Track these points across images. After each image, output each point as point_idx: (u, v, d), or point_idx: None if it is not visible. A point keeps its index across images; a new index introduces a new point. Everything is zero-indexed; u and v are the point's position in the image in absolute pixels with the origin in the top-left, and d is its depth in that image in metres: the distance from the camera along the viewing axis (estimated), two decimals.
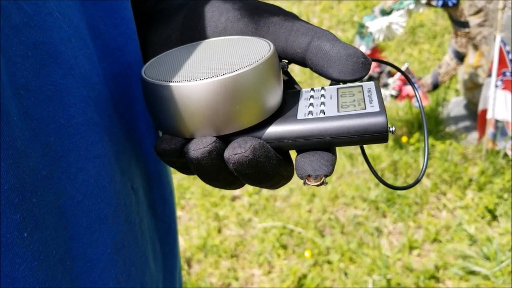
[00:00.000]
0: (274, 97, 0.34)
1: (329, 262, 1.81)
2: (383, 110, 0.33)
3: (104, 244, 0.34)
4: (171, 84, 0.32)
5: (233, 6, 0.38)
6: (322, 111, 0.34)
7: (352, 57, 0.34)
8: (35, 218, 0.28)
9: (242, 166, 0.32)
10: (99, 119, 0.33)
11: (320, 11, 3.46)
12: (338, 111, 0.34)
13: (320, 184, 0.32)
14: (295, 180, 2.20)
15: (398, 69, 0.40)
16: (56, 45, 0.30)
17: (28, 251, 0.27)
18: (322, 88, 0.38)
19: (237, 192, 2.21)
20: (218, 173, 0.34)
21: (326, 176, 0.32)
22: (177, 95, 0.32)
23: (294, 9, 3.49)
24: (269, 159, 0.33)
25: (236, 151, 0.32)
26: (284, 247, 1.91)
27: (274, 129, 0.34)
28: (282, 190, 2.16)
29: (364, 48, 2.08)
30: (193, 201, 2.22)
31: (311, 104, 0.35)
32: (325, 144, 0.33)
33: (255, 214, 2.09)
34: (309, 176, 0.32)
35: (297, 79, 2.48)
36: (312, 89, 0.38)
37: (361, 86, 0.37)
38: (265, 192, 2.17)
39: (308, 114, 0.34)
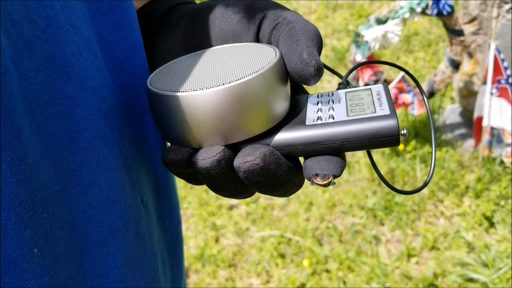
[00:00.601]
0: (282, 103, 0.34)
1: (327, 271, 1.80)
2: (393, 112, 0.32)
3: (114, 259, 0.34)
4: (177, 94, 0.32)
5: (227, 9, 0.38)
6: (331, 116, 0.34)
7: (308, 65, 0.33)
8: (45, 234, 0.27)
9: (253, 174, 0.31)
10: (110, 132, 0.33)
11: (315, 20, 3.48)
12: (347, 115, 0.33)
13: (328, 184, 0.32)
14: None
15: (403, 69, 0.40)
16: (68, 59, 0.30)
17: (38, 267, 0.27)
18: (330, 92, 0.37)
19: (234, 201, 2.21)
20: (228, 182, 0.33)
21: (335, 176, 0.32)
22: (184, 105, 0.32)
23: None
24: (280, 166, 0.32)
25: (246, 159, 0.31)
26: (282, 256, 1.91)
27: (283, 136, 0.33)
28: (280, 199, 2.16)
29: (360, 57, 2.09)
30: (190, 211, 2.21)
31: (319, 109, 0.35)
32: (335, 150, 0.33)
33: (252, 223, 2.08)
34: (316, 175, 0.32)
35: None
36: (320, 94, 0.38)
37: (370, 89, 0.37)
38: (263, 201, 2.17)
39: (317, 119, 0.34)
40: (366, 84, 2.13)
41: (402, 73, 2.14)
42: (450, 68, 2.18)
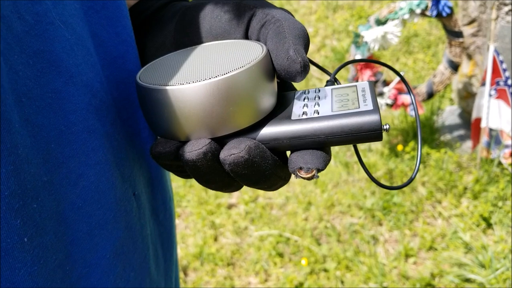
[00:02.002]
0: (268, 98, 0.35)
1: (325, 270, 1.81)
2: (376, 108, 0.33)
3: (103, 249, 0.34)
4: (164, 87, 0.33)
5: (217, 7, 0.39)
6: (316, 111, 0.34)
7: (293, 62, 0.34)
8: (35, 224, 0.28)
9: (238, 166, 0.32)
10: (101, 126, 0.34)
11: (315, 21, 3.49)
12: (332, 111, 0.34)
13: (311, 178, 0.33)
14: (292, 189, 2.21)
15: (397, 73, 0.41)
16: (57, 54, 0.30)
17: (28, 256, 0.28)
18: (317, 89, 0.38)
19: (233, 200, 2.21)
20: (214, 174, 0.34)
21: (318, 170, 0.33)
22: (171, 98, 0.32)
23: None
24: (265, 159, 0.33)
25: (232, 152, 0.32)
26: (281, 255, 1.91)
27: (269, 130, 0.34)
28: (278, 198, 2.17)
29: (359, 57, 2.09)
30: (189, 209, 2.22)
31: (305, 105, 0.36)
32: (320, 144, 0.34)
33: (251, 222, 2.09)
34: (300, 168, 0.33)
35: None
36: (307, 90, 0.38)
37: (355, 86, 0.37)
38: (262, 200, 2.17)
39: (303, 114, 0.34)
40: None
41: (401, 73, 2.15)
42: (449, 70, 2.19)
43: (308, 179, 0.33)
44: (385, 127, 0.33)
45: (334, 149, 2.38)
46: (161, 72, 0.35)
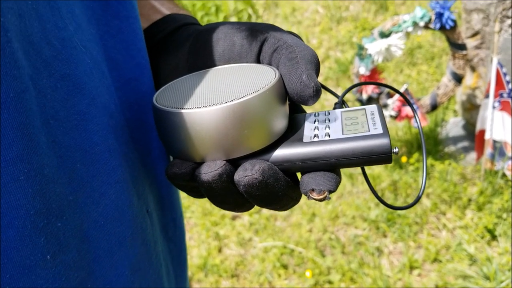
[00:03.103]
0: (281, 121, 0.36)
1: (330, 282, 1.81)
2: (386, 132, 0.34)
3: (122, 266, 0.35)
4: (181, 111, 0.33)
5: (230, 31, 0.39)
6: (327, 134, 0.35)
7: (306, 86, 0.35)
8: (58, 242, 0.29)
9: (252, 187, 0.33)
10: (118, 146, 0.35)
11: (319, 32, 3.51)
12: (343, 134, 0.35)
13: (323, 199, 0.33)
14: None
15: (397, 91, 0.42)
16: (81, 77, 0.32)
17: (50, 273, 0.29)
18: (327, 111, 0.39)
19: None
20: (228, 195, 0.35)
21: (330, 192, 0.33)
22: (188, 122, 0.33)
23: (293, 30, 3.53)
24: (278, 180, 0.34)
25: (246, 174, 0.33)
26: (285, 267, 1.91)
27: (281, 152, 0.35)
28: None
29: (363, 69, 2.11)
30: (194, 220, 2.22)
31: (316, 128, 0.37)
32: (330, 166, 0.34)
33: (255, 233, 2.09)
34: (312, 190, 0.33)
35: None
36: (317, 113, 0.39)
37: (364, 109, 0.38)
38: (266, 211, 2.18)
39: (314, 137, 0.35)
40: (369, 97, 2.15)
41: (405, 85, 2.15)
42: (453, 82, 2.20)
43: (320, 200, 0.33)
44: (394, 150, 0.34)
45: None
46: (178, 95, 0.36)
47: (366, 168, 0.39)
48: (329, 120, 0.37)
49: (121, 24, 0.39)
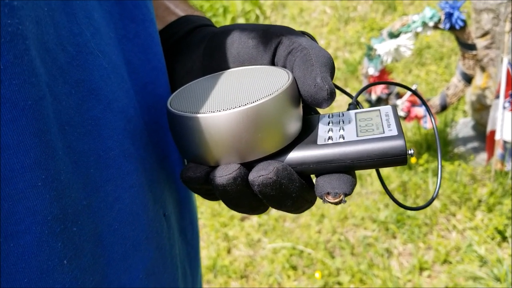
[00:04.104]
0: (294, 123, 0.36)
1: (339, 283, 1.81)
2: (401, 133, 0.34)
3: (136, 270, 0.35)
4: (196, 115, 0.33)
5: (244, 33, 0.40)
6: (342, 136, 0.35)
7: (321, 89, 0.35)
8: (74, 246, 0.29)
9: (267, 187, 0.33)
10: (134, 150, 0.35)
11: (327, 33, 3.50)
12: (357, 136, 0.35)
13: (339, 203, 0.33)
14: None
15: (409, 89, 0.42)
16: (96, 82, 0.32)
17: (67, 278, 0.29)
18: (341, 113, 0.39)
19: None
20: (243, 198, 0.35)
21: (346, 195, 0.33)
22: (202, 126, 0.33)
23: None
24: (292, 181, 0.34)
25: (260, 173, 0.33)
26: (294, 268, 1.91)
27: (296, 155, 0.35)
28: None
29: (372, 70, 2.10)
30: (203, 221, 2.23)
31: (330, 129, 0.36)
32: (345, 168, 0.34)
33: (264, 234, 2.09)
34: (328, 193, 0.33)
35: None
36: (331, 114, 0.39)
37: (379, 110, 0.38)
38: (274, 212, 2.18)
39: (328, 139, 0.35)
40: (379, 97, 2.14)
41: (414, 86, 2.15)
42: (462, 82, 2.19)
43: (336, 203, 0.33)
44: (410, 152, 0.34)
45: None
46: (191, 99, 0.36)
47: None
48: (343, 122, 0.37)
49: (138, 28, 0.39)
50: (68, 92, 0.30)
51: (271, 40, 0.38)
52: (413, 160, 2.26)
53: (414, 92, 0.40)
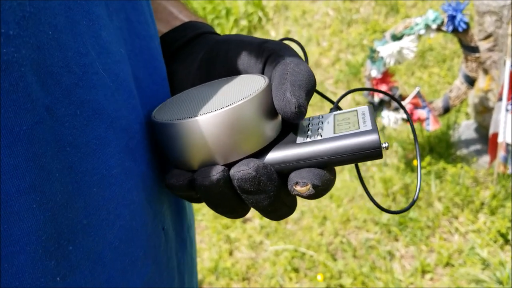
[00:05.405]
0: (272, 125, 0.37)
1: (341, 286, 1.80)
2: (375, 128, 0.35)
3: (134, 285, 0.36)
4: (176, 121, 0.35)
5: (241, 45, 0.41)
6: (320, 134, 0.37)
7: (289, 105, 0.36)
8: (70, 264, 0.30)
9: (245, 182, 0.34)
10: (136, 167, 0.36)
11: (329, 35, 3.50)
12: (334, 133, 0.36)
13: (308, 194, 0.35)
14: (307, 203, 2.21)
15: (388, 94, 0.43)
16: (100, 102, 0.32)
17: None
18: (321, 115, 0.41)
19: (248, 214, 2.21)
20: (223, 199, 0.36)
21: (314, 185, 0.34)
22: (183, 131, 0.35)
23: (304, 32, 3.53)
24: (271, 180, 0.35)
25: (241, 168, 0.34)
26: (296, 270, 1.91)
27: (275, 154, 0.36)
28: (294, 213, 2.16)
29: (375, 72, 2.10)
30: (205, 223, 2.23)
31: (309, 130, 0.38)
32: (324, 164, 0.36)
33: (266, 236, 2.09)
34: (296, 183, 0.35)
35: None
36: (312, 117, 0.41)
37: (356, 110, 0.40)
38: None
39: (307, 138, 0.37)
40: (381, 100, 2.14)
41: (417, 88, 2.14)
42: (465, 84, 2.18)
43: (305, 196, 0.35)
44: (384, 145, 0.35)
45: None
46: (173, 109, 0.38)
47: (379, 171, 0.40)
48: (322, 123, 0.39)
49: (141, 43, 0.40)
50: (73, 113, 0.30)
51: (262, 54, 0.40)
52: (415, 162, 2.26)
53: (392, 97, 0.41)
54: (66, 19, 0.30)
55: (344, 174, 2.33)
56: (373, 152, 0.35)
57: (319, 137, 0.36)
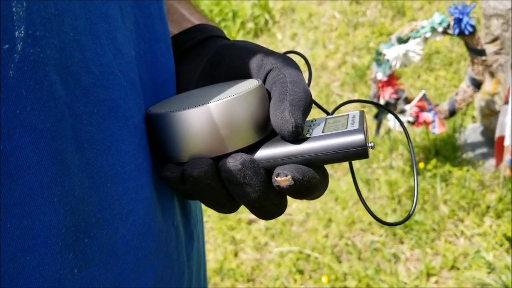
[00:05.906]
0: (262, 123, 0.39)
1: None
2: (361, 128, 0.36)
3: (146, 279, 0.37)
4: (166, 113, 0.37)
5: (246, 52, 0.42)
6: (309, 134, 0.38)
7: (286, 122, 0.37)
8: (85, 256, 0.31)
9: (231, 174, 0.35)
10: (148, 164, 0.37)
11: (336, 38, 3.50)
12: (322, 132, 0.37)
13: (287, 185, 0.35)
14: (312, 205, 2.21)
15: (376, 104, 0.44)
16: (116, 101, 0.33)
17: (77, 285, 0.31)
18: (313, 119, 0.42)
19: (253, 216, 2.22)
20: (211, 192, 0.37)
21: (294, 179, 0.35)
22: (174, 122, 0.36)
23: (310, 35, 3.54)
24: (257, 175, 0.36)
25: (228, 160, 0.35)
26: (301, 272, 1.91)
27: (263, 151, 0.38)
28: (299, 215, 2.17)
29: (381, 75, 2.10)
30: (210, 224, 2.23)
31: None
32: (312, 162, 0.37)
33: (271, 238, 2.09)
34: (278, 174, 0.36)
35: None
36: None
37: (347, 114, 0.40)
38: (282, 216, 2.18)
39: None
40: (387, 102, 2.14)
41: (423, 91, 2.14)
42: (471, 87, 2.18)
43: (286, 188, 0.35)
44: (369, 144, 0.36)
45: (355, 166, 2.37)
46: (169, 105, 0.39)
47: (385, 173, 0.41)
48: (313, 125, 0.40)
49: (145, 46, 0.41)
50: (90, 111, 0.31)
51: (264, 67, 0.41)
52: (421, 165, 2.26)
53: (378, 104, 0.42)
54: (86, 21, 0.31)
55: (350, 177, 2.33)
56: (359, 151, 0.36)
57: (307, 136, 0.37)
